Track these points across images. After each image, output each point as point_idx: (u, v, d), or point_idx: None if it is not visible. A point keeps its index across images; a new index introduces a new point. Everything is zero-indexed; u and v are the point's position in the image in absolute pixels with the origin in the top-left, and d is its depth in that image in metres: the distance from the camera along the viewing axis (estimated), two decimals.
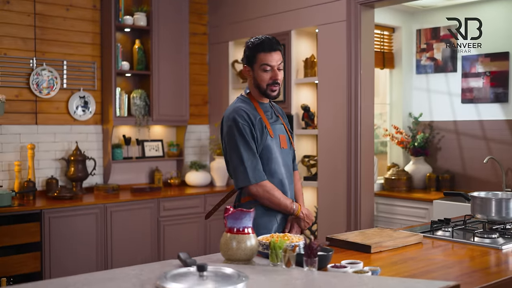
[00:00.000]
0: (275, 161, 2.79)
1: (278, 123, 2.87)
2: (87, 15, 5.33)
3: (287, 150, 2.87)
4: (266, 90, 2.78)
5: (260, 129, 2.75)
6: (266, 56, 2.73)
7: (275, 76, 2.76)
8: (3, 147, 4.87)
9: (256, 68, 2.77)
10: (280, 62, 2.78)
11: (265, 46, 2.74)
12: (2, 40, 4.86)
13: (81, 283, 1.80)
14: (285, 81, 5.31)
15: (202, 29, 6.17)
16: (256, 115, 2.77)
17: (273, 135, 2.79)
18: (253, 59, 2.77)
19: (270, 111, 2.89)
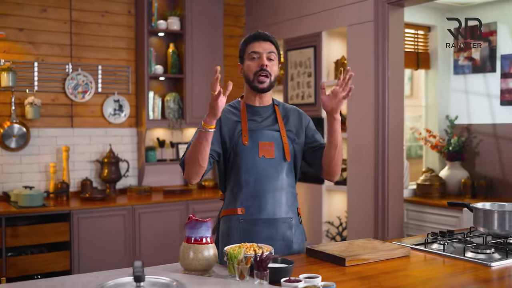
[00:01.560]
0: (245, 171, 2.55)
1: (269, 129, 2.60)
2: (122, 21, 5.46)
3: (273, 160, 2.56)
4: (253, 82, 2.54)
5: (235, 135, 2.56)
6: (254, 44, 2.57)
7: (262, 61, 2.53)
8: (40, 149, 5.08)
9: (245, 59, 2.59)
10: (270, 51, 2.56)
11: (254, 36, 2.60)
12: (40, 46, 5.07)
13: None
14: (315, 83, 5.23)
15: (239, 31, 6.17)
16: (233, 119, 2.58)
17: (247, 142, 2.55)
18: (243, 53, 2.61)
19: (264, 116, 2.62)
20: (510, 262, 2.33)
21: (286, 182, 2.61)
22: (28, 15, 5.00)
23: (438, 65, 5.51)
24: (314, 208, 5.31)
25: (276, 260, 2.14)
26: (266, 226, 2.54)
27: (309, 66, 5.29)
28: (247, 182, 2.55)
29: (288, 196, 2.62)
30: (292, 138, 2.63)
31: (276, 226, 2.56)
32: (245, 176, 2.55)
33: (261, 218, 2.54)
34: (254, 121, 2.60)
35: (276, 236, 2.56)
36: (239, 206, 2.56)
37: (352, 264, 2.29)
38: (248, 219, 2.54)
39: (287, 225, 2.59)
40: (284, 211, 2.59)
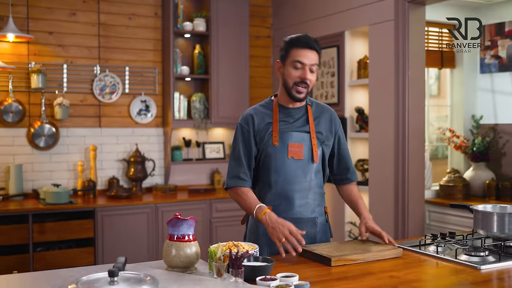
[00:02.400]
0: (274, 171, 2.63)
1: (300, 131, 2.64)
2: (149, 23, 5.58)
3: (301, 161, 2.63)
4: (292, 90, 2.58)
5: (266, 136, 2.63)
6: (299, 52, 2.54)
7: (305, 74, 2.55)
8: (69, 149, 5.25)
9: (287, 64, 2.58)
10: (314, 62, 2.56)
11: (301, 42, 2.56)
12: (69, 49, 5.24)
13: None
14: (338, 83, 5.21)
15: (266, 32, 6.20)
16: (265, 120, 2.65)
17: (278, 143, 2.61)
18: (286, 55, 2.59)
19: (296, 117, 2.66)
20: (501, 266, 2.29)
21: (314, 182, 2.69)
22: (58, 19, 5.18)
23: (464, 64, 5.39)
24: (337, 208, 5.29)
25: (258, 259, 2.17)
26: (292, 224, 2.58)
27: (333, 66, 5.28)
28: (276, 182, 2.63)
29: (316, 197, 2.70)
30: (321, 140, 2.69)
31: (301, 225, 2.62)
32: (274, 176, 2.63)
33: (288, 217, 2.60)
34: (285, 122, 2.66)
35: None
36: (267, 205, 2.62)
37: (339, 264, 2.30)
38: None
39: (312, 223, 2.68)
40: (310, 211, 2.68)
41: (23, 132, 5.07)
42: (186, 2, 5.69)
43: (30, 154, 5.10)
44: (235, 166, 2.66)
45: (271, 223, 2.45)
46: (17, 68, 4.99)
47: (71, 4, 5.23)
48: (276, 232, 2.42)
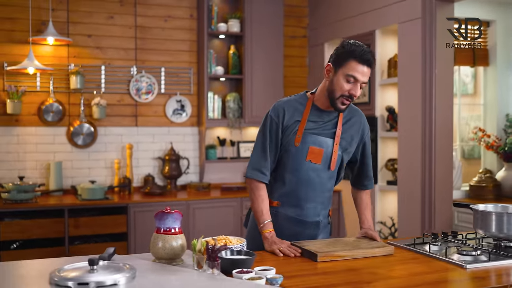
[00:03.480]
0: (289, 170, 2.62)
1: (324, 135, 2.60)
2: (184, 25, 5.72)
3: (317, 166, 2.60)
4: (337, 101, 2.51)
5: (290, 134, 2.60)
6: (358, 66, 2.43)
7: (355, 91, 2.48)
8: (106, 147, 5.47)
9: (341, 73, 2.47)
10: (366, 80, 2.49)
11: (362, 56, 2.43)
12: (107, 51, 5.45)
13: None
14: (370, 82, 5.17)
15: (302, 31, 6.23)
16: (295, 117, 2.60)
17: (298, 144, 2.58)
18: (343, 62, 2.47)
19: (325, 120, 2.62)
20: (489, 265, 2.25)
21: (325, 187, 2.68)
22: (96, 22, 5.40)
23: (497, 62, 5.23)
24: None
25: (240, 253, 2.22)
26: (294, 224, 2.66)
27: None
28: (290, 181, 2.64)
29: (324, 200, 2.70)
30: (344, 147, 2.64)
31: (304, 226, 2.67)
32: (289, 175, 2.63)
33: (292, 216, 2.65)
34: (314, 123, 2.61)
35: (301, 235, 2.67)
36: (276, 200, 2.67)
37: (326, 260, 2.32)
38: (281, 214, 2.66)
39: (315, 226, 2.69)
40: (316, 214, 2.69)
41: (63, 131, 5.32)
42: (221, 3, 5.80)
43: (70, 152, 5.34)
44: (259, 158, 2.63)
45: (272, 240, 2.51)
46: (58, 69, 5.24)
47: (109, 8, 5.44)
48: (275, 245, 2.48)
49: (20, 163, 5.18)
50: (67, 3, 5.29)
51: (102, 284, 1.84)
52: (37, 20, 5.16)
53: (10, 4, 5.10)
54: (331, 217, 2.82)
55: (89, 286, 1.82)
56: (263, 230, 2.57)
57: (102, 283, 1.84)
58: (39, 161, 5.24)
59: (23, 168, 5.19)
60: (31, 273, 2.04)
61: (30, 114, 5.20)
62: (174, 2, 5.68)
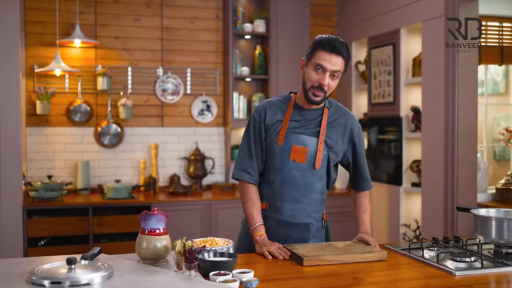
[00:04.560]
0: (273, 170, 2.60)
1: (308, 134, 2.57)
2: (210, 26, 5.76)
3: (302, 165, 2.56)
4: (308, 92, 2.49)
5: (272, 133, 2.58)
6: (324, 55, 2.42)
7: (323, 80, 2.44)
8: (133, 147, 5.57)
9: (310, 65, 2.48)
10: (337, 69, 2.44)
11: (328, 45, 2.43)
12: (134, 52, 5.55)
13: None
14: (394, 81, 5.08)
15: (330, 31, 6.17)
16: (277, 117, 2.60)
17: (281, 144, 2.56)
18: (312, 54, 2.48)
19: (308, 119, 2.59)
20: (480, 272, 2.17)
21: (312, 188, 2.61)
22: (123, 25, 5.50)
23: None
24: (392, 210, 5.16)
25: (223, 255, 2.22)
26: (281, 226, 2.61)
27: (389, 64, 5.15)
28: (273, 181, 2.61)
29: (313, 202, 2.63)
30: (330, 146, 2.60)
31: (291, 229, 2.61)
32: (273, 176, 2.60)
33: (278, 218, 2.61)
34: (297, 122, 2.60)
35: (290, 237, 2.61)
36: (264, 202, 2.64)
37: (312, 264, 2.29)
38: (268, 216, 2.62)
39: (304, 228, 2.62)
40: (304, 216, 2.62)
41: (91, 131, 5.45)
42: (247, 4, 5.81)
43: (97, 152, 5.47)
44: (244, 159, 2.63)
45: (262, 242, 2.48)
46: (86, 71, 5.37)
47: (136, 10, 5.53)
48: (265, 247, 2.45)
49: (50, 162, 5.34)
50: (95, 6, 5.42)
51: (76, 283, 1.87)
52: (66, 23, 5.30)
53: (40, 8, 5.26)
54: (325, 221, 2.73)
55: (62, 285, 1.86)
56: (254, 234, 2.55)
57: (76, 282, 1.87)
58: (67, 160, 5.39)
59: (52, 167, 5.35)
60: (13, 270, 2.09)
61: (59, 114, 5.35)
62: (200, 3, 5.72)
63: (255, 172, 2.62)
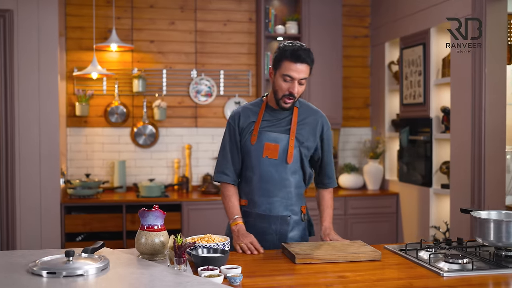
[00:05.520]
0: (250, 168, 2.78)
1: (278, 131, 2.74)
2: (243, 28, 5.87)
3: (275, 161, 2.73)
4: (280, 100, 2.68)
5: (246, 134, 2.77)
6: (290, 65, 2.59)
7: (292, 89, 2.62)
8: (167, 147, 5.74)
9: (278, 74, 2.65)
10: (303, 77, 2.63)
11: (293, 55, 2.59)
12: (168, 55, 5.72)
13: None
14: (424, 81, 5.03)
15: (364, 31, 6.16)
16: (250, 119, 2.78)
17: (255, 142, 2.75)
18: (278, 64, 2.65)
19: (279, 118, 2.75)
20: (469, 274, 2.18)
21: (288, 182, 2.78)
22: (159, 28, 5.68)
23: None
24: (422, 212, 5.12)
25: (216, 251, 2.31)
26: (260, 220, 2.80)
27: (419, 65, 5.11)
28: (251, 178, 2.80)
29: (289, 196, 2.79)
30: (300, 141, 2.75)
31: (269, 222, 2.78)
32: (250, 173, 2.80)
33: (256, 212, 2.79)
34: (268, 121, 2.78)
35: (268, 230, 2.79)
36: (243, 198, 2.85)
37: (305, 263, 2.35)
38: (247, 211, 2.82)
39: (282, 221, 2.79)
40: (281, 210, 2.79)
41: (127, 132, 5.65)
42: (280, 6, 5.88)
43: (133, 152, 5.67)
44: (221, 162, 2.85)
45: (238, 233, 2.67)
46: (123, 74, 5.58)
47: (170, 14, 5.70)
48: (238, 240, 2.63)
49: (88, 162, 5.58)
50: (131, 11, 5.62)
51: (71, 274, 2.01)
52: (104, 28, 5.53)
53: (80, 15, 5.50)
54: (306, 215, 2.86)
55: (57, 275, 2.00)
56: (231, 224, 2.73)
57: (71, 273, 2.01)
58: (105, 159, 5.62)
59: (91, 166, 5.59)
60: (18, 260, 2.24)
61: (97, 115, 5.58)
62: (233, 6, 5.84)
63: (232, 173, 2.82)
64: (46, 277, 1.99)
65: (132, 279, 2.02)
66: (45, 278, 1.98)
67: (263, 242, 2.73)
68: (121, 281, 2.01)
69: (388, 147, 5.86)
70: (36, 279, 1.98)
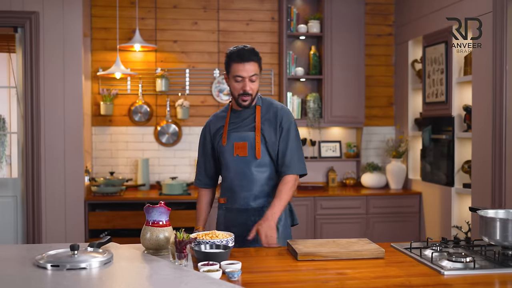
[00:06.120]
0: (225, 167, 2.97)
1: (245, 130, 2.92)
2: (265, 27, 5.89)
3: (245, 158, 2.90)
4: (238, 100, 2.88)
5: (218, 137, 2.99)
6: (238, 66, 2.81)
7: (245, 87, 2.82)
8: (190, 145, 5.80)
9: (230, 77, 2.87)
10: (253, 73, 2.82)
11: (238, 57, 2.81)
12: (191, 55, 5.79)
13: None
14: (446, 80, 4.97)
15: (388, 30, 6.11)
16: (219, 124, 3.00)
17: (225, 143, 2.93)
18: (228, 68, 2.87)
19: (243, 118, 2.93)
20: (470, 273, 2.16)
21: (259, 176, 2.94)
22: (182, 29, 5.76)
23: None
24: (444, 211, 5.06)
25: (219, 247, 2.35)
26: (239, 214, 2.96)
27: (442, 63, 5.05)
28: (226, 177, 3.00)
29: (263, 188, 2.95)
30: (266, 137, 2.91)
31: (248, 215, 2.94)
32: (225, 172, 2.99)
33: (236, 207, 2.97)
34: (234, 123, 2.97)
35: (248, 222, 2.94)
36: (222, 196, 3.05)
37: (307, 259, 2.36)
38: (228, 208, 3.01)
39: (260, 212, 2.91)
40: (257, 202, 2.94)
41: (151, 130, 5.75)
42: (302, 5, 5.89)
43: (157, 150, 5.76)
44: (197, 168, 3.14)
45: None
46: (146, 73, 5.68)
47: (193, 14, 5.77)
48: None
49: (113, 160, 5.69)
50: (155, 12, 5.71)
51: (74, 267, 2.07)
52: (128, 29, 5.63)
53: (105, 16, 5.62)
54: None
55: (61, 268, 2.06)
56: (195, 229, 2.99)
57: (74, 266, 2.07)
58: (129, 158, 5.72)
59: (116, 164, 5.70)
60: (27, 253, 2.32)
61: (121, 115, 5.69)
62: (256, 6, 5.87)
63: (203, 177, 3.09)
64: (50, 270, 2.05)
65: (133, 272, 2.08)
66: (49, 270, 2.05)
67: (244, 234, 2.82)
68: (122, 273, 2.06)
69: (412, 146, 5.81)
70: (40, 272, 2.04)
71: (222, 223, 3.03)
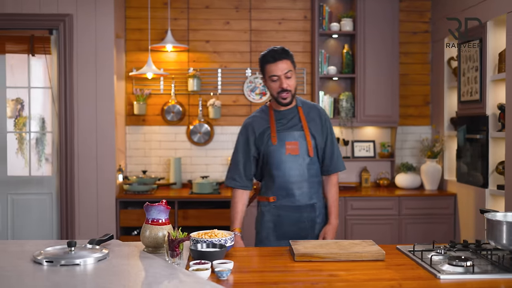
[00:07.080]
0: (276, 167, 3.01)
1: (294, 130, 3.03)
2: (298, 26, 5.86)
3: (297, 156, 3.00)
4: (278, 98, 2.99)
5: (265, 138, 3.02)
6: (271, 66, 2.93)
7: (282, 84, 2.93)
8: (222, 145, 5.84)
9: (267, 79, 2.99)
10: (287, 70, 2.93)
11: (269, 57, 2.94)
12: (223, 55, 5.82)
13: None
14: (481, 78, 4.81)
15: (424, 27, 5.96)
16: (263, 125, 3.05)
17: (276, 142, 2.99)
18: (263, 71, 3.00)
19: (289, 118, 3.05)
20: (467, 278, 2.09)
21: (310, 173, 3.05)
22: (214, 28, 5.80)
23: None
24: (478, 213, 4.89)
25: (216, 246, 2.35)
26: (293, 211, 3.04)
27: (476, 60, 4.88)
28: (277, 176, 3.03)
29: (312, 185, 3.07)
30: (313, 135, 3.06)
31: (302, 211, 3.05)
32: (275, 171, 3.03)
33: (290, 205, 3.04)
34: (280, 123, 3.06)
35: (302, 219, 3.05)
36: (271, 195, 3.07)
37: (304, 260, 2.34)
38: (279, 206, 3.05)
39: (311, 209, 3.06)
40: (308, 198, 3.06)
41: (183, 130, 5.81)
42: (335, 3, 5.83)
43: (189, 149, 5.82)
44: (232, 169, 3.14)
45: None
46: (179, 73, 5.75)
47: (226, 14, 5.80)
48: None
49: (146, 159, 5.79)
50: (187, 12, 5.77)
51: (68, 263, 2.12)
52: (161, 29, 5.71)
53: (139, 17, 5.72)
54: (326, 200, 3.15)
55: (55, 264, 2.12)
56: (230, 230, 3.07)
57: (68, 262, 2.12)
58: (162, 157, 5.80)
59: (149, 163, 5.79)
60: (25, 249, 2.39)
61: (154, 114, 5.78)
62: (288, 5, 5.85)
63: (241, 179, 3.10)
64: (45, 265, 2.11)
65: (122, 269, 2.11)
66: (44, 266, 2.11)
67: (298, 231, 3.02)
68: (113, 270, 2.10)
69: (448, 146, 5.65)
70: (36, 267, 2.10)
71: (271, 221, 3.05)
